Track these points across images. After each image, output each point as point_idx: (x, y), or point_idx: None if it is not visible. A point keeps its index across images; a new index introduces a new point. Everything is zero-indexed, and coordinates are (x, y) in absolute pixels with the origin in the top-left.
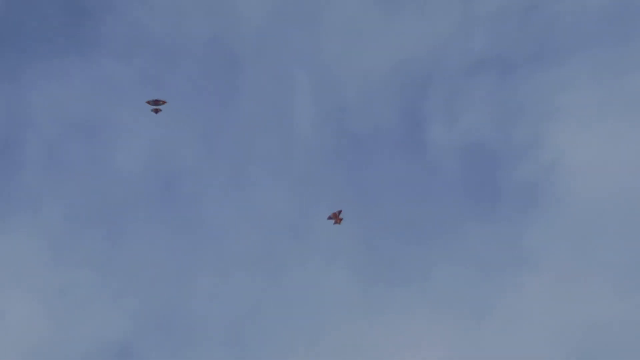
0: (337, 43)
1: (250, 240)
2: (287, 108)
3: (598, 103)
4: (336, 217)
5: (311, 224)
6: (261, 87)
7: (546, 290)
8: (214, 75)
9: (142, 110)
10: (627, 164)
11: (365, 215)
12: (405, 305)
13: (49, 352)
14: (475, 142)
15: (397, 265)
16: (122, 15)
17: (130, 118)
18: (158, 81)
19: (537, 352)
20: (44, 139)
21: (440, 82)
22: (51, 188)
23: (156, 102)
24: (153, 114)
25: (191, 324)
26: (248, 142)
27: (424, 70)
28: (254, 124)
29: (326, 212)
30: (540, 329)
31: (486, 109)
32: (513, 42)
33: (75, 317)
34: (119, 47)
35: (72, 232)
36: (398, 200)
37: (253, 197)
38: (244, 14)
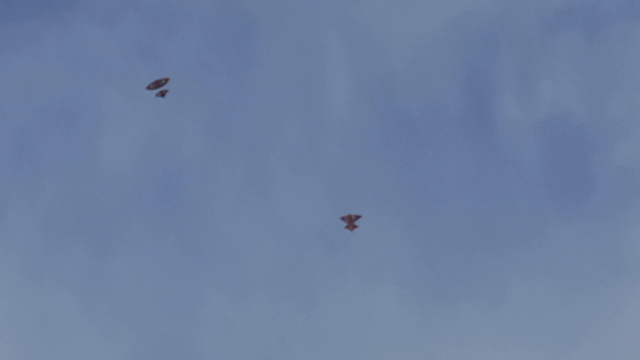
0: None
1: (272, 253)
2: (316, 84)
3: None
4: (351, 222)
5: (349, 232)
6: (283, 57)
7: None
8: (223, 43)
9: (133, 90)
10: None
11: (419, 218)
12: (472, 332)
13: None
14: (558, 119)
15: (460, 281)
16: None
17: (119, 99)
18: (151, 52)
19: None
20: (9, 127)
21: (511, 43)
22: (20, 190)
23: (158, 84)
24: (159, 98)
25: None
26: (267, 128)
27: (489, 27)
28: (274, 105)
29: (368, 215)
30: None
31: (571, 75)
32: None
33: (56, 354)
34: (101, 7)
35: (49, 246)
36: (461, 197)
37: (275, 198)
38: None
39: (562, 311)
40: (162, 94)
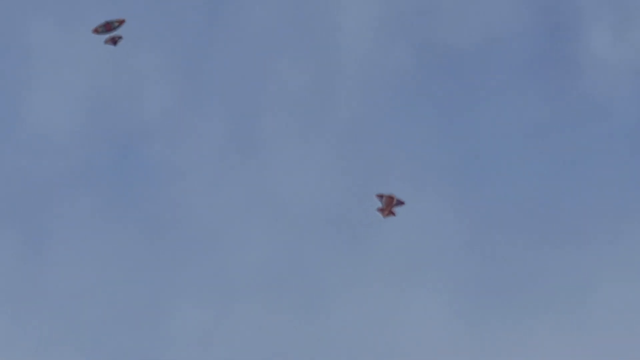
0: None
1: (266, 245)
2: (325, 13)
3: None
4: (389, 205)
5: (381, 217)
6: None
7: None
8: None
9: (74, 28)
10: None
11: (468, 199)
12: (545, 347)
13: None
14: None
15: (529, 284)
16: None
17: (60, 41)
18: None
19: None
20: None
21: None
22: None
23: (109, 27)
24: (109, 45)
25: None
26: (257, 75)
27: None
28: (265, 44)
29: (404, 189)
30: None
31: None
32: None
33: None
34: None
35: None
36: (528, 172)
37: (268, 171)
38: None
39: None
40: (114, 40)
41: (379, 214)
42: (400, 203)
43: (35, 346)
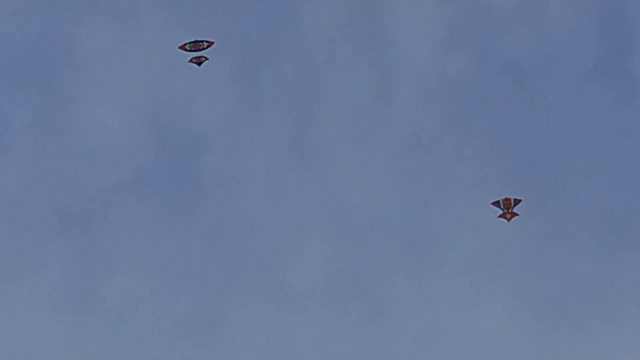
0: None
1: (327, 255)
2: (382, 24)
3: None
4: (508, 209)
5: (440, 224)
6: None
7: None
8: None
9: (135, 37)
10: None
11: (537, 207)
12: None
13: None
14: None
15: (601, 294)
16: None
17: (117, 50)
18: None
19: None
20: None
21: None
22: None
23: (197, 47)
24: (193, 64)
25: None
26: (316, 85)
27: None
28: (324, 53)
29: (464, 200)
30: None
31: None
32: None
33: None
34: None
35: (9, 246)
36: (593, 180)
37: (328, 180)
38: None
39: None
40: (199, 61)
41: (504, 220)
42: (517, 202)
43: (93, 354)
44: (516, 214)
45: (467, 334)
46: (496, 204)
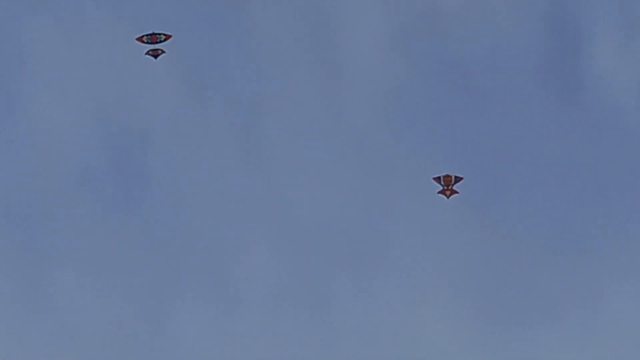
0: None
1: (273, 257)
2: (329, 23)
3: None
4: (448, 185)
5: (385, 224)
6: None
7: None
8: None
9: (79, 30)
10: None
11: (480, 209)
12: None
13: None
14: None
15: (542, 296)
16: None
17: (62, 43)
18: None
19: None
20: None
21: None
22: None
23: (154, 39)
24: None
25: None
26: (262, 83)
27: None
28: (270, 51)
29: (410, 200)
30: None
31: None
32: None
33: None
34: None
35: None
36: (539, 181)
37: (275, 177)
38: None
39: None
40: (156, 54)
41: (443, 197)
42: (458, 179)
43: (35, 349)
44: (456, 192)
45: (410, 334)
46: (437, 179)
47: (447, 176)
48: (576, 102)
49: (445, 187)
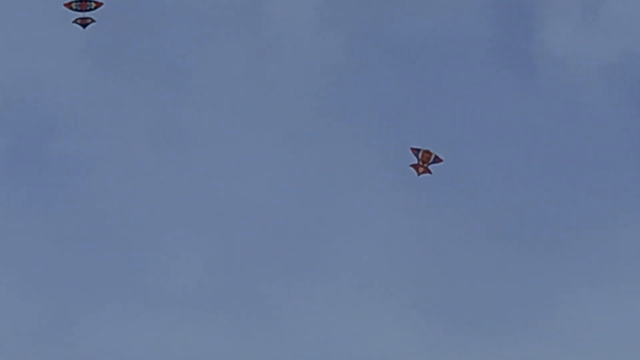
0: None
1: (195, 250)
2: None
3: None
4: (425, 162)
5: (322, 219)
6: None
7: None
8: None
9: None
10: None
11: (423, 201)
12: None
13: None
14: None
15: (503, 299)
16: None
17: None
18: None
19: None
20: None
21: None
22: None
23: (83, 7)
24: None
25: None
26: (182, 66)
27: None
28: (191, 31)
29: (350, 193)
30: None
31: None
32: None
33: None
34: None
35: None
36: (487, 174)
37: (196, 168)
38: None
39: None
40: (85, 22)
41: (413, 171)
42: (438, 160)
43: None
44: (429, 171)
45: (352, 338)
46: (415, 151)
47: (427, 152)
48: (528, 81)
49: (421, 163)
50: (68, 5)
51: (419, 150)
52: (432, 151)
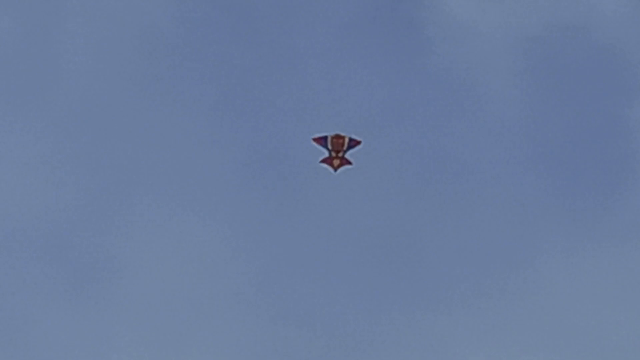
0: None
1: None
2: None
3: None
4: (338, 152)
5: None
6: None
7: None
8: None
9: None
10: None
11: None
12: None
13: None
14: (558, 32)
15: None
16: None
17: None
18: None
19: None
20: None
21: None
22: None
23: None
24: None
25: None
26: None
27: None
28: None
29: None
30: None
31: None
32: None
33: None
34: None
35: None
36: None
37: None
38: None
39: None
40: None
41: (328, 167)
42: (355, 143)
43: None
44: (349, 162)
45: None
46: (320, 141)
47: (338, 137)
48: (418, 62)
49: (335, 155)
50: None
51: (325, 137)
52: (343, 134)
